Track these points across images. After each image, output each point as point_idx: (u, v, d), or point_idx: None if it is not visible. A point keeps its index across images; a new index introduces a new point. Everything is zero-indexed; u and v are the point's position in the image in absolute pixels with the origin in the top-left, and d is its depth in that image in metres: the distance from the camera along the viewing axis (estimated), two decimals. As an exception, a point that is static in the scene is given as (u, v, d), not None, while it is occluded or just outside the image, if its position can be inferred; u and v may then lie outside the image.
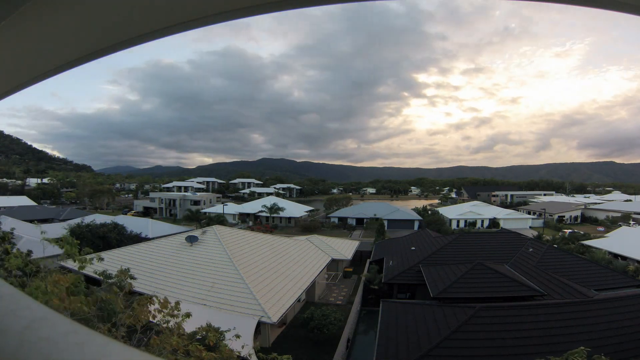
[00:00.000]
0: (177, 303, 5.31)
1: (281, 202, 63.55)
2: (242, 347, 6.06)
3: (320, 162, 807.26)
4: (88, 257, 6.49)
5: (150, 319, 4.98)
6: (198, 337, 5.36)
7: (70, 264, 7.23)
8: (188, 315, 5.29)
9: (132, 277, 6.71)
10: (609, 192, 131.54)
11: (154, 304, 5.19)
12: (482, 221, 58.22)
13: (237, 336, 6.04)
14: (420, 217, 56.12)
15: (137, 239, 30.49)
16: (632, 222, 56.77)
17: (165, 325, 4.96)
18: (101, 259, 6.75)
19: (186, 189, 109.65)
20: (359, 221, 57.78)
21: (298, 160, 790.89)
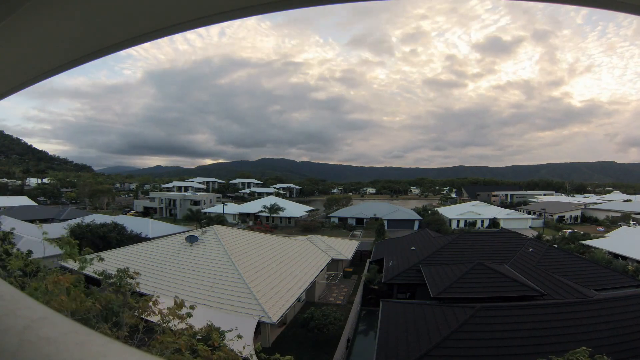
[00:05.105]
0: (186, 305, 5.31)
1: (281, 202, 63.56)
2: (244, 347, 6.04)
3: (320, 162, 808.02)
4: (88, 257, 6.50)
5: (159, 319, 4.99)
6: (198, 337, 5.35)
7: (71, 264, 7.25)
8: (189, 314, 5.30)
9: (132, 277, 6.71)
10: (609, 192, 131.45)
11: (157, 304, 5.20)
12: (482, 221, 58.23)
13: (239, 337, 6.02)
14: (420, 217, 56.14)
15: (137, 239, 30.51)
16: (632, 222, 56.77)
17: (166, 325, 4.96)
18: (101, 259, 6.76)
19: (186, 189, 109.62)
20: (359, 221, 57.79)
21: (298, 160, 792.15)
